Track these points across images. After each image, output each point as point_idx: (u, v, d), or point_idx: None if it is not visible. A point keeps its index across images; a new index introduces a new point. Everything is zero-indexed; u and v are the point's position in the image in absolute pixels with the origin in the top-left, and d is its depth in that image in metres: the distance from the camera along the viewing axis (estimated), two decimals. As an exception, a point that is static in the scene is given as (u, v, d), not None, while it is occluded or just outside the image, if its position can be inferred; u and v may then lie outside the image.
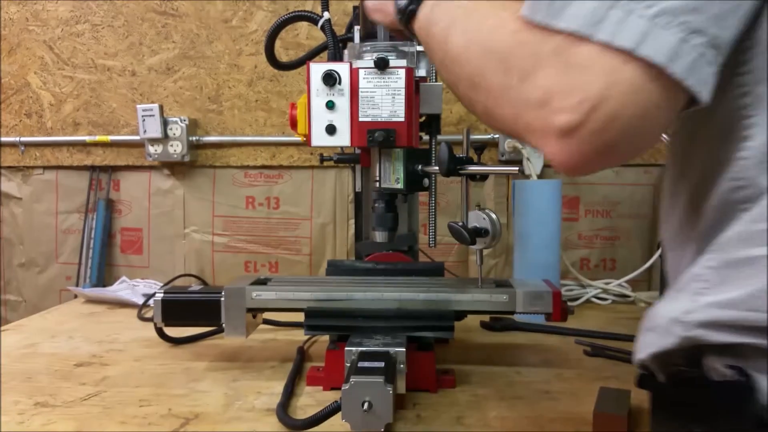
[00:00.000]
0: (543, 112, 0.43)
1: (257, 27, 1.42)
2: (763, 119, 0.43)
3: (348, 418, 0.63)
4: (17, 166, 1.50)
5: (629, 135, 0.40)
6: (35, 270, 1.52)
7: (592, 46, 0.40)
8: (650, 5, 0.39)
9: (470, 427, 0.69)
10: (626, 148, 0.42)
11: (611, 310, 1.25)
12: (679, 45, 0.39)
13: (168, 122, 1.40)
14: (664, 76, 0.39)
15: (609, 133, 0.40)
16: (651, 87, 0.39)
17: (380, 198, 0.91)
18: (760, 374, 0.42)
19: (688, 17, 0.39)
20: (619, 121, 0.40)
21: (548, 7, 0.43)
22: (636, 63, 0.39)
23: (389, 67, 0.80)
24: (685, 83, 0.39)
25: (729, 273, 0.44)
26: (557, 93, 0.42)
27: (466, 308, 0.82)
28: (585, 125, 0.40)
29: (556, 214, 1.15)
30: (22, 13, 1.46)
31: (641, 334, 0.50)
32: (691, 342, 0.45)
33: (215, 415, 0.72)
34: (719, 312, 0.43)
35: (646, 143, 0.42)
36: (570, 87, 0.41)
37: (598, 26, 0.40)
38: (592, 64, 0.40)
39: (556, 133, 0.42)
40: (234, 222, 1.47)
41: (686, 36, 0.39)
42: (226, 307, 0.83)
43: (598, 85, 0.40)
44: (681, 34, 0.39)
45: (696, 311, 0.45)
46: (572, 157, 0.42)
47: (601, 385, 0.75)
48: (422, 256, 1.18)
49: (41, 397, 0.78)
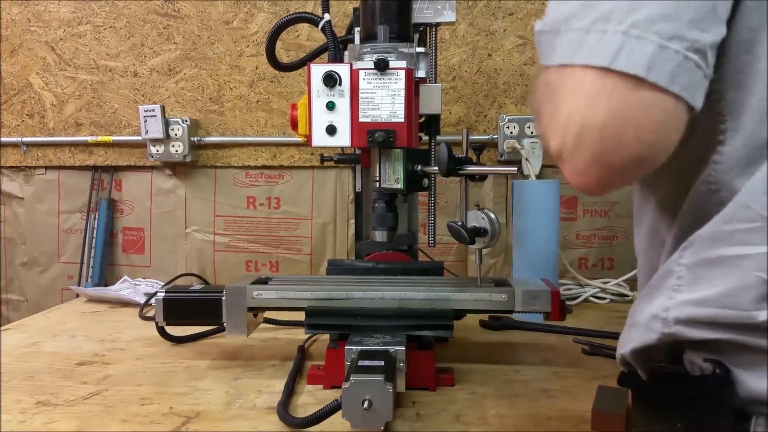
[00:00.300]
0: (545, 143, 0.45)
1: (258, 28, 1.42)
2: (735, 125, 0.44)
3: (348, 416, 0.63)
4: (19, 166, 1.51)
5: (628, 149, 0.41)
6: (37, 269, 1.52)
7: (574, 70, 0.42)
8: (622, 20, 0.40)
9: (469, 425, 0.70)
10: (634, 162, 0.42)
11: (609, 309, 1.26)
12: (657, 53, 0.40)
13: (170, 123, 1.41)
14: (647, 86, 0.40)
15: (601, 148, 0.41)
16: (636, 99, 0.40)
17: (380, 198, 0.92)
18: (737, 368, 0.43)
19: (662, 25, 0.40)
20: (607, 135, 0.40)
21: (546, 49, 0.45)
22: (615, 77, 0.40)
23: (389, 69, 0.80)
24: (671, 91, 0.40)
25: (702, 272, 0.45)
26: (550, 123, 0.44)
27: (466, 307, 0.83)
28: (572, 145, 0.42)
29: (555, 214, 1.15)
30: (24, 14, 1.47)
31: (624, 330, 0.52)
32: (671, 338, 0.46)
33: (216, 414, 0.73)
34: (695, 309, 0.44)
35: (656, 154, 0.42)
36: (557, 113, 0.43)
37: (577, 53, 0.42)
38: (574, 88, 0.42)
39: (556, 158, 0.44)
40: (235, 222, 1.47)
41: (663, 43, 0.40)
42: (227, 306, 0.84)
43: (580, 106, 0.41)
44: (657, 43, 0.40)
45: (673, 308, 0.46)
46: (578, 177, 0.43)
47: (599, 384, 0.75)
48: (422, 256, 1.19)
49: (43, 395, 0.78)
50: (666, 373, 0.49)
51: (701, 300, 0.44)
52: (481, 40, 1.38)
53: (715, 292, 0.43)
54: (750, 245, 0.42)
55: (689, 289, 0.45)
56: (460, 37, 1.38)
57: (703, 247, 0.45)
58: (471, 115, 1.40)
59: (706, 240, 0.45)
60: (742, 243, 0.42)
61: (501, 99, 1.39)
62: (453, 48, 1.39)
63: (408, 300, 0.82)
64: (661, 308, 0.46)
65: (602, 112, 0.40)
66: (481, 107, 1.40)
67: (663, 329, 0.46)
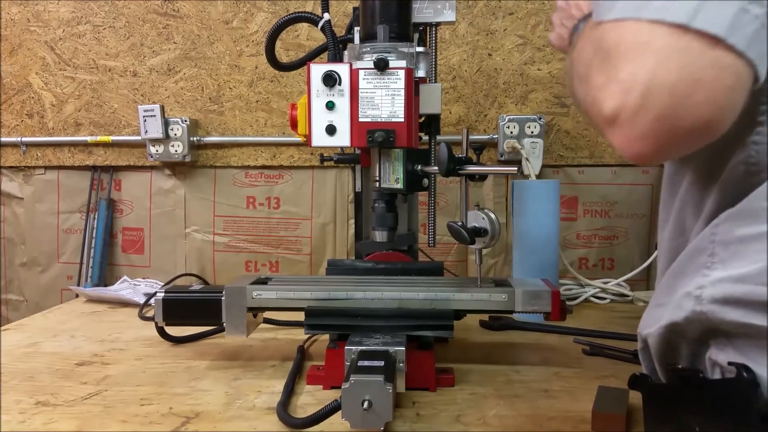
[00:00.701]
0: (597, 107, 0.42)
1: (258, 28, 1.42)
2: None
3: (348, 416, 0.63)
4: (19, 166, 1.51)
5: (698, 111, 0.38)
6: (37, 269, 1.52)
7: (639, 26, 0.39)
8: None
9: (469, 425, 0.70)
10: (701, 126, 0.39)
11: (609, 309, 1.26)
12: (739, 16, 0.37)
13: (169, 122, 1.41)
14: (723, 48, 0.37)
15: (671, 109, 0.38)
16: (710, 60, 0.38)
17: (380, 198, 0.91)
18: (760, 367, 0.42)
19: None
20: (678, 95, 0.38)
21: (603, 4, 0.43)
22: (690, 36, 0.38)
23: (389, 68, 0.80)
24: (746, 56, 0.38)
25: (739, 248, 0.43)
26: (606, 84, 0.41)
27: (466, 307, 0.83)
28: (635, 106, 0.39)
29: (555, 214, 1.15)
30: (23, 14, 1.46)
31: (647, 310, 0.50)
32: (702, 318, 0.44)
33: (216, 414, 0.73)
34: (732, 287, 0.43)
35: (724, 120, 0.40)
36: (616, 71, 0.40)
37: (644, 9, 0.39)
38: (640, 45, 0.39)
39: (609, 122, 0.41)
40: (235, 222, 1.47)
41: (745, 5, 0.38)
42: (226, 307, 0.84)
43: (648, 64, 0.38)
44: (739, 5, 0.37)
45: (708, 286, 0.44)
46: (635, 143, 0.41)
47: (599, 384, 0.75)
48: (422, 256, 1.19)
49: (42, 396, 0.78)
50: (682, 375, 0.48)
51: (739, 277, 0.42)
52: (481, 40, 1.38)
53: (756, 268, 0.42)
54: None
55: (723, 266, 0.44)
56: (460, 36, 1.38)
57: (739, 224, 0.43)
58: (471, 114, 1.40)
59: (741, 216, 0.43)
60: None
61: (501, 99, 1.39)
62: (453, 48, 1.39)
63: (408, 300, 0.82)
64: (695, 286, 0.45)
65: (674, 71, 0.38)
66: (481, 107, 1.40)
67: (695, 307, 0.45)
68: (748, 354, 0.43)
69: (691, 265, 0.46)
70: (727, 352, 0.44)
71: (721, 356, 0.45)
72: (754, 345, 0.43)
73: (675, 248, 0.52)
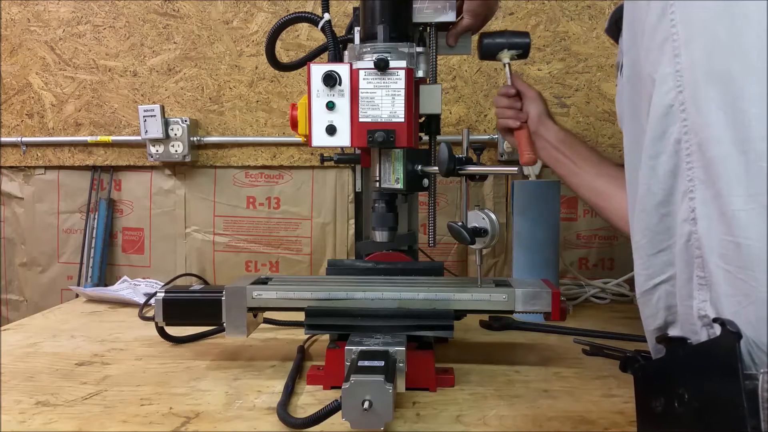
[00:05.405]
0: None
1: (258, 28, 1.42)
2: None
3: (348, 416, 0.63)
4: (19, 166, 1.51)
5: None
6: (37, 269, 1.52)
7: None
8: None
9: (469, 425, 0.70)
10: None
11: (609, 309, 1.26)
12: None
13: (169, 122, 1.41)
14: None
15: None
16: None
17: (380, 198, 0.91)
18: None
19: None
20: None
21: None
22: None
23: (389, 68, 0.80)
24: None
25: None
26: None
27: (466, 307, 0.83)
28: None
29: (555, 214, 1.15)
30: (23, 14, 1.47)
31: (648, 258, 0.51)
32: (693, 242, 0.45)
33: (216, 414, 0.73)
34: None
35: None
36: None
37: None
38: None
39: None
40: (235, 222, 1.47)
41: None
42: (227, 307, 0.84)
43: None
44: None
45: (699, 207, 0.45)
46: None
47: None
48: (422, 256, 1.19)
49: (42, 396, 0.78)
50: (669, 338, 0.49)
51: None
52: (481, 40, 1.38)
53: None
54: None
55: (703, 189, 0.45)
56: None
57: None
58: (471, 115, 1.40)
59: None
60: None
61: (501, 99, 1.39)
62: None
63: (408, 300, 0.82)
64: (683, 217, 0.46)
65: None
66: (481, 107, 1.40)
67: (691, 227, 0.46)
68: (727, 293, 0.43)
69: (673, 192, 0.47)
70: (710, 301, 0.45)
71: (707, 304, 0.45)
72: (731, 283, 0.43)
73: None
